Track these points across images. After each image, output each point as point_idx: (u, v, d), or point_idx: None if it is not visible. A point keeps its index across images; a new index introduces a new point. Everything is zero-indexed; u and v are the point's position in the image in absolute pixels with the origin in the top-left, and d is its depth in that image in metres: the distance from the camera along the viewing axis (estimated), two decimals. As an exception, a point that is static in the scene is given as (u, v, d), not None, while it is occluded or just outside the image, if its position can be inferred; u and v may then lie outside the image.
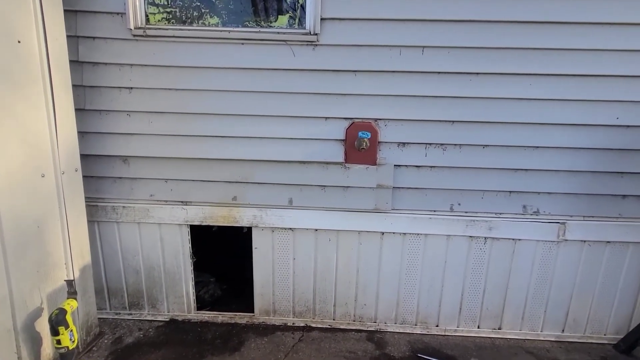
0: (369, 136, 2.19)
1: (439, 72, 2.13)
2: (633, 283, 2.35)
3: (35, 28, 1.76)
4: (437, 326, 2.49)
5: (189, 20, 2.17)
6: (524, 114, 2.16)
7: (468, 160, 2.23)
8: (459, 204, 2.30)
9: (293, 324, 2.53)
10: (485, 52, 2.09)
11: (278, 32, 2.12)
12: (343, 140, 2.25)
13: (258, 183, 2.33)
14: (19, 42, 1.67)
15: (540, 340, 2.44)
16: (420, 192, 2.30)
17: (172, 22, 2.16)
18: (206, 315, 2.57)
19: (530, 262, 2.35)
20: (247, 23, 2.16)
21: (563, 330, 2.45)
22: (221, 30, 2.12)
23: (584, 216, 2.29)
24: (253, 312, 2.55)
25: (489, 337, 2.46)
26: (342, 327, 2.51)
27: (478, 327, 2.48)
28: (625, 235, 2.28)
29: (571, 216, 2.29)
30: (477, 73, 2.12)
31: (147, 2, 2.14)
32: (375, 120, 2.23)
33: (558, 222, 2.28)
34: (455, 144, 2.23)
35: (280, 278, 2.47)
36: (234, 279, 2.92)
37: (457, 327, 2.49)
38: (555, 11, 2.03)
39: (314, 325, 2.52)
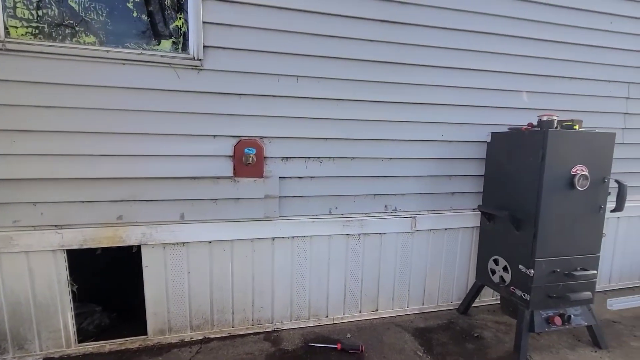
0: (255, 152, 2.44)
1: (312, 98, 2.53)
2: (465, 259, 3.11)
3: None
4: (326, 317, 2.83)
5: (60, 37, 2.11)
6: (379, 132, 2.71)
7: (340, 171, 2.67)
8: (336, 208, 2.72)
9: (191, 338, 2.55)
10: (346, 82, 2.58)
11: (161, 55, 2.23)
12: (232, 156, 2.44)
13: (146, 200, 2.33)
14: None
15: (407, 315, 3.00)
16: (303, 200, 2.64)
17: (40, 38, 2.07)
18: (90, 347, 2.39)
19: (394, 251, 2.90)
20: (128, 45, 2.22)
21: (423, 304, 3.06)
22: (98, 50, 2.12)
23: (428, 211, 2.95)
24: (146, 334, 2.48)
25: (369, 319, 2.90)
26: (241, 332, 2.64)
27: (360, 312, 2.91)
28: (456, 223, 3.02)
29: (419, 211, 2.92)
30: (341, 99, 2.59)
31: (7, 14, 2.01)
32: (261, 137, 2.50)
33: (410, 217, 2.89)
34: (330, 157, 2.64)
35: (175, 294, 2.48)
36: (125, 303, 2.78)
37: (343, 314, 2.87)
38: (402, 55, 2.65)
39: (212, 336, 2.58)
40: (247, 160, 2.42)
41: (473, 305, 3.07)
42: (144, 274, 2.40)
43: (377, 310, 2.95)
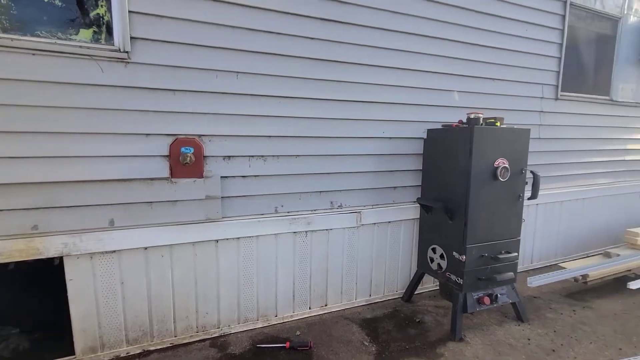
0: (193, 151, 2.32)
1: (253, 95, 2.48)
2: (408, 249, 3.28)
3: None
4: (276, 316, 2.80)
5: (-51, 21, 1.81)
6: (323, 129, 2.74)
7: (285, 169, 2.66)
8: (282, 206, 2.70)
9: (127, 353, 2.36)
10: (288, 80, 2.56)
11: (80, 46, 2.02)
12: (167, 156, 2.30)
13: (68, 207, 2.11)
14: None
15: (355, 307, 3.08)
16: (248, 199, 2.57)
17: None
18: (4, 375, 2.11)
19: (340, 246, 2.96)
20: (39, 33, 1.97)
21: (370, 295, 3.17)
22: (0, 37, 1.86)
23: (372, 205, 3.05)
24: (74, 353, 2.25)
25: (319, 315, 2.93)
26: (185, 341, 2.51)
27: (309, 309, 2.92)
28: (399, 215, 3.17)
29: (364, 206, 3.01)
30: (284, 97, 2.57)
31: None
32: (200, 136, 2.38)
33: (356, 212, 2.96)
34: (274, 155, 2.61)
35: (107, 307, 2.28)
36: (49, 322, 2.49)
37: (293, 312, 2.86)
38: (341, 54, 2.69)
39: (152, 348, 2.42)
40: (185, 159, 2.29)
41: (416, 292, 3.25)
42: (69, 288, 2.17)
43: (326, 305, 2.99)
